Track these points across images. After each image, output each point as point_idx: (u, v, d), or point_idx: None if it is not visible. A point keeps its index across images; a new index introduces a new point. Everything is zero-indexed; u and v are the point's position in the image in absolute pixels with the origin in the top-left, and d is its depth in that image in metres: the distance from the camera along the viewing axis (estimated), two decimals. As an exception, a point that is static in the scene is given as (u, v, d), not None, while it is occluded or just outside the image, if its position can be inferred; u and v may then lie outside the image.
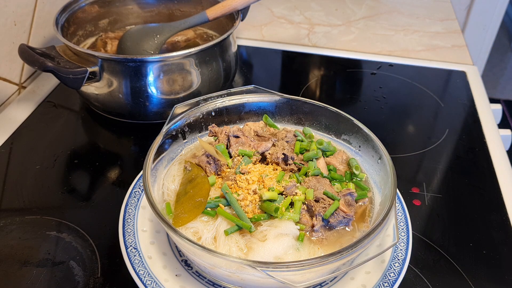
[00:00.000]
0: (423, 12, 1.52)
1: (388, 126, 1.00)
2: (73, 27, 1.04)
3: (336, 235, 0.62)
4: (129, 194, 0.73)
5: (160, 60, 0.88)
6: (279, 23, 1.42)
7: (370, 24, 1.44)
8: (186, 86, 0.92)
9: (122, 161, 0.89)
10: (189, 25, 1.01)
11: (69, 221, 0.74)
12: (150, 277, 0.61)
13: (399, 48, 1.30)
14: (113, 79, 0.88)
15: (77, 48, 0.87)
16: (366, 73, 1.20)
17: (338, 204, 0.62)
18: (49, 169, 0.85)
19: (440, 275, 0.68)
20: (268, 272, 0.51)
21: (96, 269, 0.67)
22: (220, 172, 0.68)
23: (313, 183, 0.65)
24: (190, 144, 0.76)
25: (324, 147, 0.72)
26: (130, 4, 1.15)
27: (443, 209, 0.80)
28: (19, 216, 0.75)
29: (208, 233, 0.60)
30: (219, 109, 0.77)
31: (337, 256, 0.52)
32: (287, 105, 0.78)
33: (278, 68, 1.23)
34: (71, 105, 1.03)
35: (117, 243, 0.66)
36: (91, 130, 0.98)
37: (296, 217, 0.61)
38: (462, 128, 1.00)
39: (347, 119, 0.73)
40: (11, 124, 0.95)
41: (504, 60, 3.28)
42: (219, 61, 0.97)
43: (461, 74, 1.19)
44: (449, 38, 1.36)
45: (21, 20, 1.04)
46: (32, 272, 0.66)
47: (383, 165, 0.66)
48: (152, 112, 0.93)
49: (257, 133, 0.74)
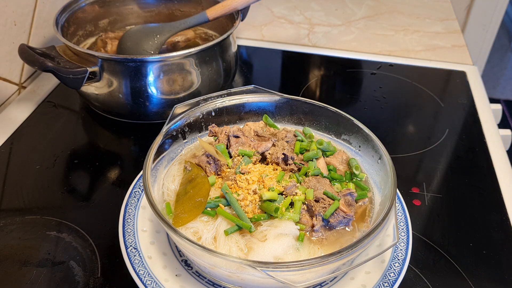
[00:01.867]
0: (423, 12, 1.52)
1: (388, 126, 1.00)
2: (73, 27, 1.04)
3: (336, 235, 0.62)
4: (129, 194, 0.73)
5: (160, 60, 0.88)
6: (279, 23, 1.42)
7: (370, 24, 1.44)
8: (186, 86, 0.93)
9: (122, 161, 0.89)
10: (189, 25, 1.01)
11: (69, 221, 0.74)
12: (150, 277, 0.61)
13: (399, 48, 1.30)
14: (113, 79, 0.89)
15: (77, 48, 0.87)
16: (366, 73, 1.20)
17: (338, 204, 0.62)
18: (49, 169, 0.85)
19: (440, 275, 0.68)
20: (268, 272, 0.51)
21: (96, 269, 0.67)
22: (220, 172, 0.68)
23: (313, 183, 0.65)
24: (190, 144, 0.76)
25: (324, 147, 0.72)
26: (130, 4, 1.15)
27: (443, 209, 0.80)
28: (19, 216, 0.75)
29: (208, 233, 0.60)
30: (219, 109, 0.77)
31: (337, 256, 0.52)
32: (287, 105, 0.78)
33: (278, 68, 1.23)
34: (71, 105, 1.03)
35: (117, 243, 0.66)
36: (91, 130, 0.98)
37: (296, 217, 0.61)
38: (462, 128, 1.00)
39: (347, 119, 0.73)
40: (11, 124, 0.95)
41: (504, 60, 3.28)
42: (219, 61, 0.97)
43: (461, 74, 1.19)
44: (449, 38, 1.36)
45: (21, 20, 1.04)
46: (32, 272, 0.66)
47: (383, 165, 0.66)
48: (152, 112, 0.93)
49: (257, 133, 0.74)
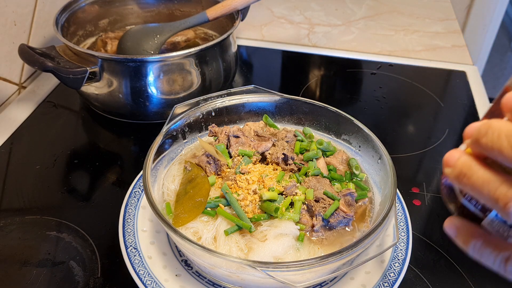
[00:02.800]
0: (423, 12, 1.52)
1: (388, 126, 1.00)
2: (73, 27, 1.04)
3: (336, 235, 0.62)
4: (129, 194, 0.73)
5: (160, 60, 0.88)
6: (279, 23, 1.42)
7: (370, 24, 1.44)
8: (186, 86, 0.92)
9: (122, 161, 0.89)
10: (189, 25, 1.01)
11: (69, 221, 0.74)
12: (150, 277, 0.61)
13: (399, 48, 1.30)
14: (113, 79, 0.88)
15: (77, 48, 0.87)
16: (366, 73, 1.20)
17: (338, 204, 0.62)
18: (49, 169, 0.85)
19: (440, 275, 0.68)
20: (268, 272, 0.51)
21: (96, 269, 0.67)
22: (220, 172, 0.68)
23: (313, 183, 0.65)
24: (190, 144, 0.76)
25: (324, 147, 0.72)
26: (130, 4, 1.15)
27: (443, 209, 0.79)
28: (19, 216, 0.75)
29: (208, 233, 0.60)
30: (219, 109, 0.77)
31: (337, 256, 0.52)
32: (287, 105, 0.78)
33: (278, 68, 1.23)
34: (71, 105, 1.03)
35: (117, 243, 0.66)
36: (91, 130, 0.98)
37: (296, 217, 0.61)
38: (462, 128, 1.00)
39: (347, 119, 0.73)
40: (11, 124, 0.95)
41: (504, 60, 3.28)
42: (219, 61, 0.96)
43: (461, 74, 1.19)
44: (449, 38, 1.36)
45: (21, 20, 1.04)
46: (32, 272, 0.66)
47: (383, 165, 0.66)
48: (152, 112, 0.93)
49: (257, 133, 0.74)
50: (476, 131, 0.32)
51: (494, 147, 0.30)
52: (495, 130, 0.30)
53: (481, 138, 0.31)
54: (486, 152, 0.31)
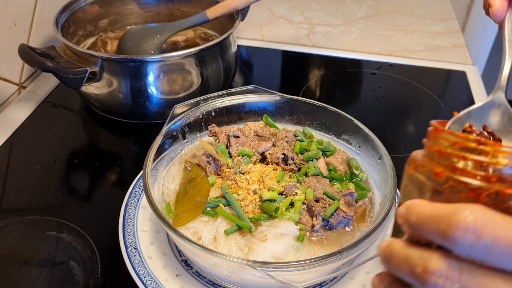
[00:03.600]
0: (423, 12, 1.52)
1: (388, 126, 1.00)
2: (73, 27, 1.04)
3: (336, 235, 0.62)
4: (129, 194, 0.73)
5: (160, 60, 0.87)
6: (279, 23, 1.42)
7: (370, 24, 1.44)
8: (186, 86, 0.92)
9: (122, 161, 0.89)
10: (189, 25, 1.01)
11: (69, 221, 0.74)
12: (150, 277, 0.61)
13: (399, 48, 1.30)
14: (113, 79, 0.88)
15: (77, 48, 0.87)
16: (366, 73, 1.20)
17: (338, 204, 0.62)
18: (49, 169, 0.85)
19: (440, 275, 0.68)
20: (268, 272, 0.51)
21: (96, 269, 0.67)
22: (220, 172, 0.68)
23: (313, 183, 0.65)
24: (190, 144, 0.76)
25: (324, 147, 0.72)
26: (130, 4, 1.15)
27: (443, 209, 0.79)
28: (19, 216, 0.75)
29: (208, 233, 0.60)
30: (219, 109, 0.77)
31: (337, 256, 0.52)
32: (287, 105, 0.78)
33: (278, 68, 1.23)
34: (71, 105, 1.03)
35: (117, 243, 0.66)
36: (91, 130, 0.98)
37: (296, 217, 0.61)
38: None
39: (347, 119, 0.73)
40: (11, 124, 0.95)
41: (504, 60, 3.27)
42: (219, 61, 0.96)
43: (461, 74, 1.19)
44: (449, 38, 1.36)
45: (21, 20, 1.04)
46: (32, 272, 0.66)
47: (383, 165, 0.66)
48: (152, 112, 0.93)
49: (257, 133, 0.74)
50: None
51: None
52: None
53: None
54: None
